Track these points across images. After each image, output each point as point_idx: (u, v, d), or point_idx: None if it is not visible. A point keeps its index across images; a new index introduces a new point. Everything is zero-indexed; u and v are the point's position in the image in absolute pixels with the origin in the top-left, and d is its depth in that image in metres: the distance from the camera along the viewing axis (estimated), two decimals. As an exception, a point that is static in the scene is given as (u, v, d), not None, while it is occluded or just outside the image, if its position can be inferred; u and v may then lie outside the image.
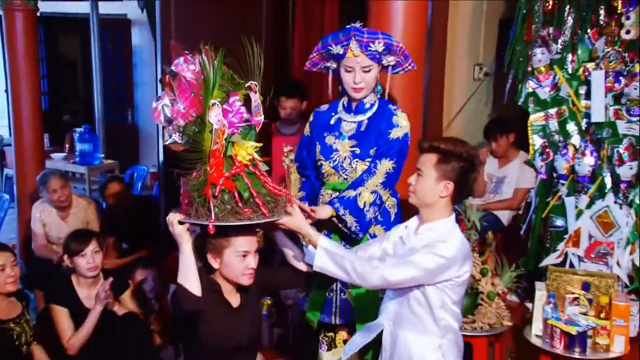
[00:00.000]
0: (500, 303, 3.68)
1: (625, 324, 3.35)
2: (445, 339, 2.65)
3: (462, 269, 2.58)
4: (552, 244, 4.67)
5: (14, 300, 3.54)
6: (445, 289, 2.59)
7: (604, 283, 3.51)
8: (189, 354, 2.89)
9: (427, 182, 2.58)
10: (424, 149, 2.62)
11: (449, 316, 2.64)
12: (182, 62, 2.55)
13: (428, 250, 2.53)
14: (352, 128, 3.12)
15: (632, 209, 4.38)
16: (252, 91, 2.55)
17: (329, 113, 3.23)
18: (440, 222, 2.63)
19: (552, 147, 4.81)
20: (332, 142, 3.14)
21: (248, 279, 2.69)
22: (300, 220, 2.65)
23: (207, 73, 2.48)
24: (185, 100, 2.54)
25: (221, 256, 2.66)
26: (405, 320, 2.70)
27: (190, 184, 2.53)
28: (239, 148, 2.49)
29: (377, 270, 2.54)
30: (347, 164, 3.10)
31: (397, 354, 2.72)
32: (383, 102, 3.15)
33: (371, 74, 3.03)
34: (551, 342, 3.36)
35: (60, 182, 4.89)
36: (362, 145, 3.07)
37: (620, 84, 4.55)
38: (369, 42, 2.95)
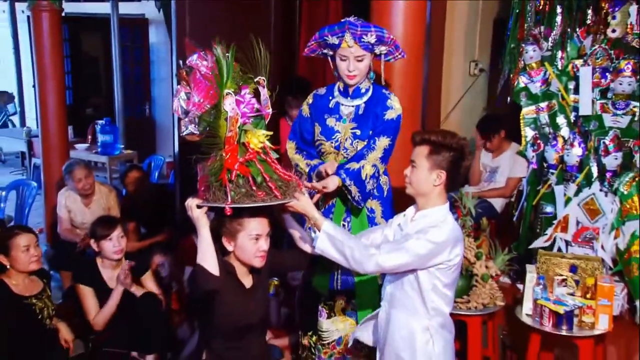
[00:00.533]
0: (493, 284, 3.69)
1: (609, 304, 3.35)
2: (433, 320, 2.65)
3: (452, 253, 2.58)
4: (542, 229, 4.66)
5: (36, 278, 3.58)
6: (437, 272, 2.59)
7: (590, 266, 3.51)
8: (204, 331, 2.88)
9: (420, 172, 2.59)
10: (416, 141, 2.63)
11: (439, 299, 2.64)
12: (196, 58, 2.56)
13: (420, 236, 2.53)
14: (351, 112, 3.18)
15: (616, 196, 4.37)
16: (260, 85, 2.57)
17: (327, 97, 3.27)
18: (435, 209, 2.63)
19: (543, 139, 4.80)
20: (333, 124, 3.19)
21: (260, 261, 2.70)
22: (308, 203, 2.66)
23: (220, 65, 2.50)
24: (200, 93, 2.55)
25: (235, 239, 2.67)
26: (398, 301, 2.71)
27: (207, 169, 2.55)
28: (251, 136, 2.50)
29: (373, 257, 2.55)
30: (348, 144, 3.16)
31: (389, 332, 2.74)
32: (377, 87, 3.20)
33: (364, 63, 3.08)
34: (540, 320, 3.36)
35: (84, 172, 4.92)
36: (362, 127, 3.14)
37: (606, 80, 4.54)
38: (362, 34, 3.00)
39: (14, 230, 3.60)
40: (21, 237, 3.46)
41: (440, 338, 2.65)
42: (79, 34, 10.57)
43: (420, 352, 2.63)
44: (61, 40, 5.69)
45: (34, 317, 3.47)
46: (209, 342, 2.81)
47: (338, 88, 3.24)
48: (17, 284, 3.48)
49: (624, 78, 4.45)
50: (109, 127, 7.95)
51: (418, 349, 2.64)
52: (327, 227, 2.62)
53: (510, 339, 3.92)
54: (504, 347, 3.89)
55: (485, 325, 3.74)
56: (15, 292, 3.45)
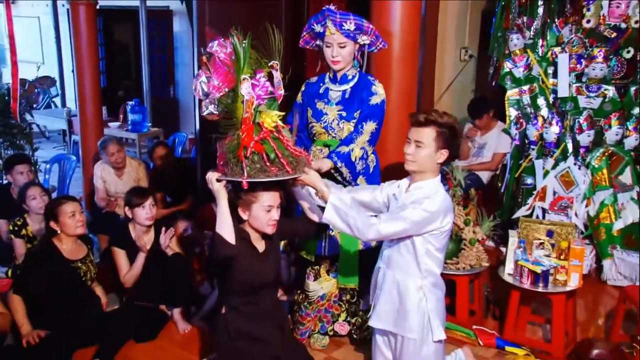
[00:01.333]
0: (479, 248, 3.71)
1: (580, 264, 3.38)
2: (426, 280, 2.65)
3: (444, 221, 2.57)
4: (523, 198, 4.70)
5: (81, 244, 3.64)
6: (430, 237, 2.59)
7: (564, 231, 3.52)
8: (222, 289, 2.91)
9: (427, 152, 2.55)
10: (421, 122, 2.55)
11: (431, 262, 2.64)
12: (216, 45, 2.53)
13: (415, 206, 2.52)
14: (338, 96, 3.18)
15: (588, 170, 4.39)
16: (274, 69, 2.55)
17: (318, 84, 3.27)
18: (429, 181, 2.61)
19: (525, 118, 4.81)
20: (322, 107, 3.20)
21: (272, 229, 2.71)
22: (316, 177, 2.65)
23: (238, 52, 2.48)
24: (219, 77, 2.53)
25: (250, 209, 2.68)
26: (395, 263, 2.70)
27: (225, 147, 2.54)
28: (265, 116, 2.49)
29: (373, 226, 2.54)
30: (335, 124, 3.17)
31: (385, 290, 2.74)
32: (362, 74, 3.20)
33: (347, 50, 3.07)
34: (520, 279, 3.39)
35: (116, 147, 4.91)
36: (347, 109, 3.14)
37: (581, 65, 4.54)
38: (342, 22, 2.99)
39: (61, 199, 3.64)
40: (67, 204, 3.51)
41: (432, 296, 2.65)
42: (112, 25, 10.49)
43: (415, 308, 2.64)
44: (96, 30, 5.66)
45: (78, 279, 3.53)
46: (228, 299, 2.83)
47: (328, 75, 3.24)
48: (66, 247, 3.53)
49: (597, 64, 4.45)
50: (138, 107, 7.94)
51: (413, 305, 2.65)
52: (333, 199, 2.60)
53: (494, 295, 3.95)
54: (487, 302, 3.92)
55: (472, 284, 3.77)
56: (65, 255, 3.50)
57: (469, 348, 3.13)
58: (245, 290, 2.78)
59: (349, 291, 3.39)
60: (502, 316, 3.69)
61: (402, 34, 3.25)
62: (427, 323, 2.66)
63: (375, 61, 3.30)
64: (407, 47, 3.27)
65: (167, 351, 3.46)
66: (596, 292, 4.18)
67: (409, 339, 2.68)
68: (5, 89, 5.89)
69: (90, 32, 5.52)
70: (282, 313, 3.07)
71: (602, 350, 3.25)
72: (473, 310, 3.81)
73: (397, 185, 2.76)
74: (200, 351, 3.45)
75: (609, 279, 4.30)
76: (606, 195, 4.36)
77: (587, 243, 4.27)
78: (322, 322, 3.42)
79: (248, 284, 2.76)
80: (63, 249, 3.52)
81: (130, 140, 8.08)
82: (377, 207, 2.79)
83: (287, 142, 2.57)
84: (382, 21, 3.24)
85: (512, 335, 3.51)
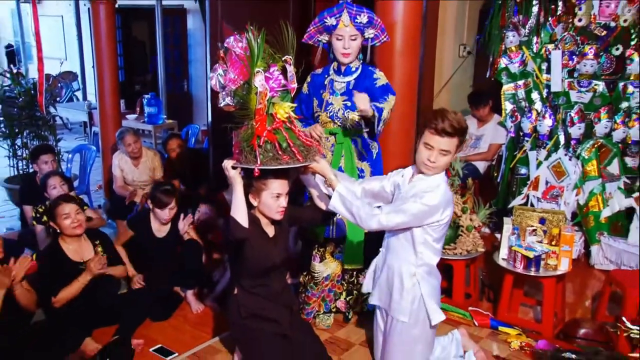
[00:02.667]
0: (476, 234, 3.71)
1: (569, 249, 3.38)
2: (420, 268, 2.66)
3: (444, 214, 2.57)
4: (518, 187, 4.70)
5: (87, 242, 3.47)
6: (429, 229, 2.59)
7: (555, 218, 3.51)
8: (235, 271, 2.92)
9: (449, 158, 2.54)
10: (448, 132, 2.46)
11: (428, 251, 2.64)
12: (232, 40, 2.55)
13: (416, 200, 2.52)
14: (343, 87, 3.17)
15: (579, 160, 4.38)
16: (287, 63, 2.55)
17: (323, 76, 3.26)
18: (434, 176, 2.59)
19: (520, 111, 4.80)
20: (327, 97, 3.18)
21: (280, 215, 2.72)
22: (325, 166, 2.66)
23: (252, 47, 2.48)
24: (235, 70, 2.54)
25: (260, 196, 2.69)
26: (393, 249, 2.72)
27: (240, 136, 2.55)
28: (278, 107, 2.50)
29: (375, 217, 2.54)
30: (340, 114, 3.16)
31: (384, 273, 2.77)
32: (365, 65, 3.19)
33: (357, 42, 3.07)
34: (514, 263, 3.39)
35: (133, 138, 4.91)
36: (352, 99, 3.08)
37: (573, 62, 4.52)
38: (356, 15, 2.99)
39: (58, 200, 3.42)
40: (62, 206, 3.31)
41: (426, 283, 2.66)
42: (129, 23, 10.48)
43: (408, 292, 2.67)
44: (115, 28, 5.67)
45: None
46: (239, 280, 2.84)
47: (333, 68, 3.22)
48: (71, 248, 3.38)
49: (588, 60, 4.43)
50: (153, 100, 7.94)
51: (406, 290, 2.67)
52: (340, 189, 2.61)
53: (488, 278, 3.95)
54: (482, 286, 3.92)
55: (468, 268, 3.77)
56: (70, 256, 3.36)
57: (464, 328, 3.14)
58: (256, 272, 2.79)
59: (349, 271, 3.40)
60: (496, 298, 3.69)
61: (404, 29, 3.23)
62: (418, 309, 2.68)
63: (379, 55, 3.27)
64: (409, 42, 3.26)
65: (181, 330, 3.48)
66: (584, 276, 4.18)
67: (397, 321, 2.71)
68: (32, 84, 5.91)
69: (109, 30, 5.53)
70: (290, 294, 3.08)
71: (588, 329, 3.29)
72: (469, 293, 3.81)
73: (402, 174, 2.74)
74: (212, 330, 3.46)
75: (596, 263, 4.30)
76: (595, 184, 4.35)
77: (577, 230, 4.27)
78: (325, 302, 3.43)
79: (258, 266, 2.78)
80: (68, 250, 3.37)
81: (146, 131, 8.10)
82: (386, 196, 2.79)
83: (299, 133, 2.58)
84: (385, 17, 3.21)
85: (505, 316, 3.52)
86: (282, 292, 2.93)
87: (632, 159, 4.50)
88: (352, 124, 3.10)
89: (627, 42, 4.41)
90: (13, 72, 6.13)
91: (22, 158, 5.96)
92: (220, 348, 3.25)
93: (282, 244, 2.88)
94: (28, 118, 5.92)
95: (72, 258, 3.37)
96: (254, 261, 2.75)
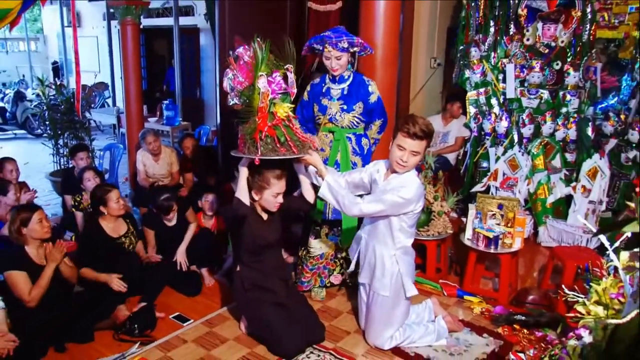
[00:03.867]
0: (445, 218, 3.70)
1: (522, 230, 3.38)
2: (398, 250, 2.67)
3: (417, 206, 2.57)
4: (480, 178, 4.69)
5: (121, 221, 3.51)
6: (404, 217, 2.59)
7: (511, 204, 3.51)
8: (236, 250, 2.93)
9: (419, 158, 2.53)
10: (419, 136, 2.45)
11: (403, 236, 2.65)
12: (241, 50, 2.56)
13: (394, 192, 2.51)
14: (338, 93, 3.13)
15: (529, 156, 4.39)
16: (288, 71, 2.55)
17: (320, 84, 3.22)
18: (406, 173, 2.58)
19: (481, 114, 4.78)
20: (326, 103, 3.15)
21: (276, 209, 2.77)
22: (317, 158, 2.65)
23: (257, 55, 2.48)
24: (242, 74, 2.55)
25: (262, 194, 2.72)
26: (374, 235, 2.71)
27: (244, 130, 2.56)
28: (278, 107, 2.50)
29: (358, 205, 2.54)
30: (338, 116, 3.12)
31: (368, 256, 2.77)
32: (356, 74, 3.16)
33: (343, 60, 3.05)
34: (477, 243, 3.39)
35: (153, 137, 4.86)
36: (347, 103, 3.10)
37: (523, 74, 4.55)
38: (337, 43, 2.96)
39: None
40: (113, 192, 3.40)
41: (403, 262, 2.68)
42: (152, 40, 10.45)
43: (388, 270, 2.68)
44: (139, 45, 5.64)
45: (123, 251, 3.48)
46: (240, 257, 2.84)
47: (328, 77, 3.19)
48: (110, 225, 3.44)
49: (535, 73, 4.46)
50: (171, 105, 7.90)
51: (387, 270, 2.68)
52: (328, 179, 2.59)
53: (456, 256, 3.94)
54: (451, 262, 3.90)
55: (439, 247, 3.76)
56: (109, 233, 3.43)
57: (436, 298, 3.15)
58: (253, 249, 2.80)
59: (343, 250, 3.38)
60: (462, 272, 3.68)
61: (383, 44, 3.21)
62: (396, 283, 2.68)
63: (363, 65, 3.24)
64: (389, 50, 3.24)
65: (196, 301, 3.44)
66: (533, 252, 4.18)
67: (379, 295, 2.71)
68: (71, 93, 6.00)
69: (135, 47, 5.51)
70: (286, 269, 3.08)
71: (535, 296, 3.31)
72: (439, 268, 3.80)
73: (377, 169, 2.72)
74: (221, 300, 3.43)
75: (542, 241, 4.30)
76: (542, 176, 4.35)
77: (528, 214, 4.27)
78: (320, 277, 3.40)
79: (255, 244, 2.79)
80: (107, 228, 3.41)
81: (165, 132, 8.01)
82: (364, 186, 2.77)
83: (296, 129, 2.56)
84: (368, 33, 3.19)
85: (469, 287, 3.51)
86: (277, 267, 2.93)
87: (570, 155, 4.54)
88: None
89: (565, 58, 4.44)
90: (57, 84, 6.29)
91: (63, 155, 6.03)
92: (229, 316, 3.21)
93: (274, 226, 2.88)
94: (68, 122, 6.01)
95: (110, 234, 3.42)
96: (251, 239, 2.77)
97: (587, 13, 4.33)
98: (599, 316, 1.60)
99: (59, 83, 6.29)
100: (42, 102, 6.39)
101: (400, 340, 2.79)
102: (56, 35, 12.18)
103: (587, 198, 4.17)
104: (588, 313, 1.64)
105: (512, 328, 3.04)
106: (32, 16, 14.30)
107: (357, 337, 2.97)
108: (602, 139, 4.47)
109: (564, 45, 4.42)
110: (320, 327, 2.92)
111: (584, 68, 4.41)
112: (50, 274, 2.90)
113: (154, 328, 3.06)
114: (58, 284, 2.98)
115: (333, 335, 2.98)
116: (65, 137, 6.01)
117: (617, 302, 1.59)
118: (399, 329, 2.79)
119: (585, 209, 4.18)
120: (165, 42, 10.43)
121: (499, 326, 3.07)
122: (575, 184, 4.26)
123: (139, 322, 2.99)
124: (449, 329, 2.94)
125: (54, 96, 6.05)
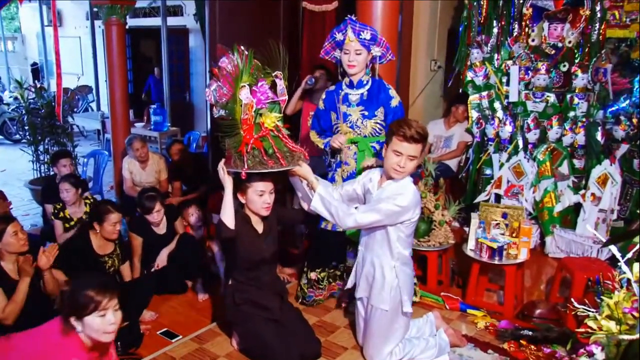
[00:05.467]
0: (447, 228, 3.70)
1: (528, 240, 3.38)
2: (397, 262, 2.67)
3: (414, 213, 2.57)
4: (483, 186, 4.70)
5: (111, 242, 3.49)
6: (401, 226, 2.59)
7: (516, 213, 3.51)
8: (228, 265, 2.94)
9: (416, 162, 2.54)
10: (416, 140, 2.47)
11: (401, 246, 2.65)
12: (225, 59, 2.54)
13: (389, 201, 2.51)
14: (357, 98, 3.13)
15: (535, 162, 4.39)
16: (277, 78, 2.54)
17: (337, 91, 3.21)
18: (401, 180, 2.59)
19: (484, 119, 4.79)
20: (345, 110, 3.14)
21: (265, 211, 2.73)
22: (307, 170, 2.63)
23: (238, 64, 2.48)
24: (226, 85, 2.53)
25: (246, 194, 2.71)
26: (371, 247, 2.71)
27: (230, 143, 2.55)
28: (265, 117, 2.48)
29: (352, 216, 2.53)
30: (359, 122, 3.12)
31: (365, 269, 2.77)
32: (374, 79, 3.16)
33: (362, 57, 3.03)
34: (480, 253, 3.39)
35: (140, 143, 4.86)
36: (368, 109, 3.09)
37: (528, 76, 4.55)
38: (360, 31, 2.96)
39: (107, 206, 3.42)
40: (115, 214, 3.36)
41: (402, 273, 2.68)
42: (138, 41, 10.46)
43: (388, 282, 2.68)
44: (125, 46, 5.66)
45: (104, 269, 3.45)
46: (233, 273, 2.83)
47: (344, 83, 3.18)
48: (97, 244, 3.43)
49: (540, 75, 4.46)
50: (159, 110, 7.89)
51: (387, 283, 2.68)
52: (320, 190, 2.59)
53: (458, 267, 3.93)
54: (453, 273, 3.90)
55: (440, 258, 3.76)
56: (95, 249, 3.42)
57: (437, 311, 3.15)
58: (246, 265, 2.78)
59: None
60: (464, 284, 3.68)
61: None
62: (395, 297, 2.68)
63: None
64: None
65: (186, 315, 3.43)
66: (540, 263, 4.18)
67: (378, 309, 2.70)
68: (52, 97, 5.93)
69: (120, 48, 5.53)
70: (280, 284, 3.06)
71: (542, 309, 3.30)
72: (441, 280, 3.80)
73: (369, 178, 2.72)
74: (211, 315, 3.41)
75: (550, 252, 4.30)
76: (549, 183, 4.36)
77: (534, 223, 4.27)
78: None
79: (249, 260, 2.77)
80: (95, 243, 3.39)
81: (152, 137, 8.00)
82: (358, 197, 2.78)
83: (286, 140, 2.55)
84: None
85: (472, 300, 3.51)
86: (272, 282, 2.92)
87: (578, 161, 4.54)
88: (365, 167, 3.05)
89: (572, 60, 4.44)
90: (37, 86, 6.19)
91: (44, 162, 5.97)
92: (219, 332, 3.20)
93: (270, 240, 2.86)
94: (49, 127, 5.93)
95: (96, 250, 3.40)
96: (245, 255, 2.75)
97: (597, 11, 4.31)
98: (612, 332, 1.59)
99: (38, 86, 6.21)
100: (20, 105, 6.38)
101: (400, 356, 2.80)
102: (35, 35, 12.15)
103: (597, 206, 4.18)
104: (600, 328, 1.63)
105: (519, 344, 3.04)
106: (8, 14, 14.28)
107: (355, 354, 2.97)
108: (612, 144, 4.44)
109: (572, 46, 4.42)
110: (315, 342, 2.92)
111: (593, 70, 4.41)
112: (25, 289, 2.85)
113: (139, 345, 3.04)
114: (36, 299, 2.93)
115: (329, 351, 2.97)
116: (45, 143, 5.95)
117: (631, 317, 1.58)
118: (399, 344, 2.79)
119: (595, 217, 4.18)
120: (152, 43, 10.42)
121: (504, 342, 3.07)
122: (584, 191, 4.27)
123: (122, 340, 2.95)
124: (452, 344, 2.95)
125: (34, 99, 6.00)
